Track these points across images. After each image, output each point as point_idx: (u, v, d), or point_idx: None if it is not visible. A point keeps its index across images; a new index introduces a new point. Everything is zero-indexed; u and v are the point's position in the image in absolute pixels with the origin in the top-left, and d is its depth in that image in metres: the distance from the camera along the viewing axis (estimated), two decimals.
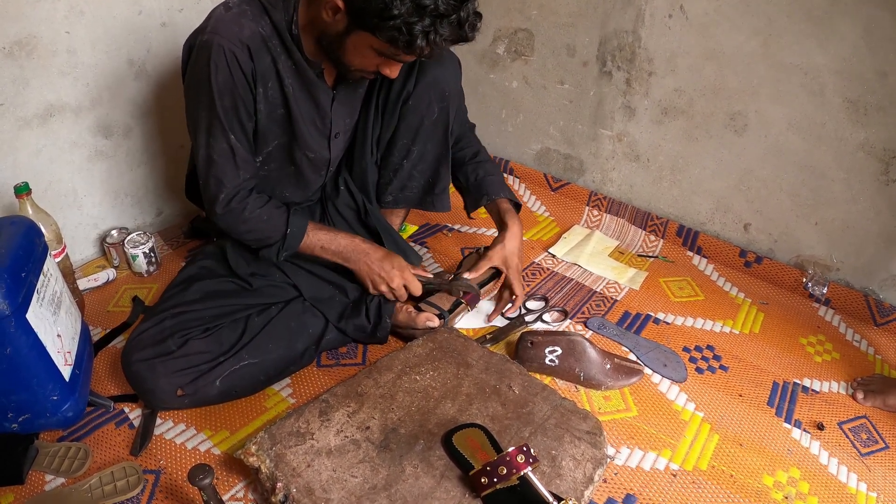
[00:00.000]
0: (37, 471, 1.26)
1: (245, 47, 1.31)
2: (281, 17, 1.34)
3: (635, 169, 2.21)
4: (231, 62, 1.31)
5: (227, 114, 1.37)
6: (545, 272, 1.98)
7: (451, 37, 1.24)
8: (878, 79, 1.65)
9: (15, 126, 1.63)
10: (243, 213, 1.46)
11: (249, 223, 1.48)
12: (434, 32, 1.20)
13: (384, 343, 1.62)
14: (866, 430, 1.49)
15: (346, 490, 1.17)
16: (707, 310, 1.86)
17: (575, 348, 1.52)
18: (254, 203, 1.47)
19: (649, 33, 1.99)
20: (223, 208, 1.45)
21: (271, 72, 1.38)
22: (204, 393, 1.38)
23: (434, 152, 1.67)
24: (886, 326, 1.82)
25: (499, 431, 1.31)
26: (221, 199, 1.44)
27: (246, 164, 1.44)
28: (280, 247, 1.50)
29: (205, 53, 1.31)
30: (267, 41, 1.34)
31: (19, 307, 1.17)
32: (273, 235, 1.50)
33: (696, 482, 1.33)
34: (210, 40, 1.30)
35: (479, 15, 1.27)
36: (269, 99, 1.41)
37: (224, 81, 1.33)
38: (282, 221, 1.49)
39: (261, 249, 1.53)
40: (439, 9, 1.18)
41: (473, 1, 1.24)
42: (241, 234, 1.51)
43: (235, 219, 1.47)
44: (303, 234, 1.51)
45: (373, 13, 1.18)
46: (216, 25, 1.31)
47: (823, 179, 1.84)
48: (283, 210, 1.50)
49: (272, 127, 1.46)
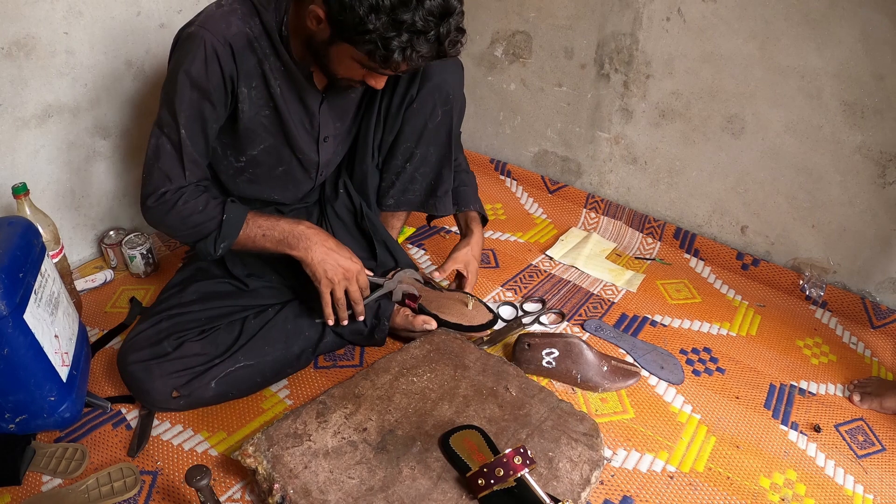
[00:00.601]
0: (34, 471, 1.26)
1: (228, 45, 1.29)
2: (271, 17, 1.33)
3: (633, 171, 2.22)
4: (210, 57, 1.28)
5: (190, 107, 1.32)
6: (542, 274, 1.98)
7: (429, 54, 1.21)
8: (874, 82, 1.66)
9: (13, 126, 1.63)
10: (176, 204, 1.35)
11: (184, 214, 1.36)
12: (411, 49, 1.17)
13: (382, 345, 1.62)
14: (863, 432, 1.50)
15: (342, 491, 1.17)
16: (704, 312, 1.86)
17: (572, 350, 1.52)
18: (190, 194, 1.37)
19: (647, 36, 1.99)
20: (154, 200, 1.35)
21: (256, 72, 1.36)
22: (199, 394, 1.38)
23: (437, 155, 1.67)
24: (883, 329, 1.82)
25: (496, 433, 1.31)
26: (159, 191, 1.35)
27: (193, 166, 1.36)
28: (216, 236, 1.38)
29: (187, 44, 1.30)
30: (254, 42, 1.33)
31: (17, 307, 1.17)
32: (208, 224, 1.37)
33: (692, 484, 1.33)
34: (195, 33, 1.29)
35: (462, 31, 1.23)
36: (254, 100, 1.39)
37: (197, 74, 1.29)
38: (217, 209, 1.37)
39: (197, 243, 1.40)
40: (416, 25, 1.15)
41: (456, 16, 1.20)
42: (172, 226, 1.39)
43: (167, 210, 1.35)
44: (241, 221, 1.39)
45: (350, 27, 1.17)
46: (204, 20, 1.31)
47: (820, 182, 1.84)
48: (219, 200, 1.39)
49: (258, 129, 1.43)
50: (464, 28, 1.23)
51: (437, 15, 1.16)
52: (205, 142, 1.38)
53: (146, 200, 1.37)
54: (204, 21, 1.30)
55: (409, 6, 1.13)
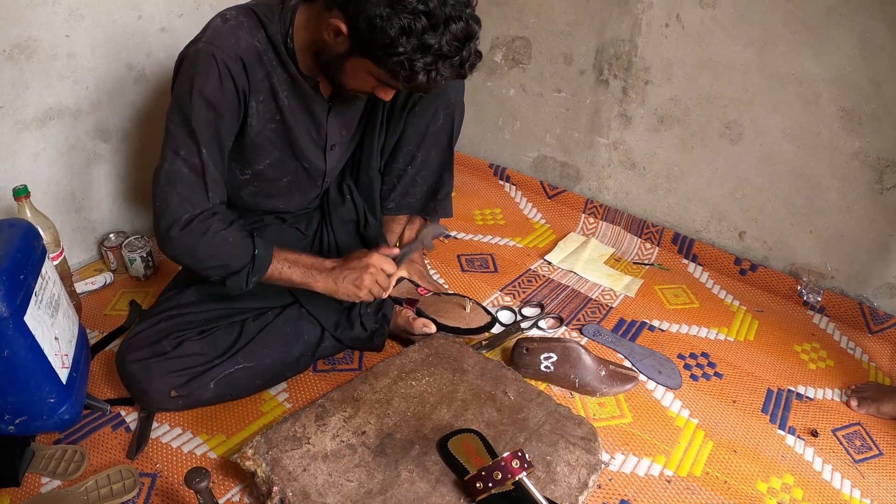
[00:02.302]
0: (33, 473, 1.27)
1: (239, 60, 1.27)
2: (276, 30, 1.31)
3: (631, 177, 2.22)
4: (223, 74, 1.26)
5: (207, 127, 1.29)
6: (541, 279, 1.98)
7: (450, 75, 1.23)
8: (872, 88, 1.67)
9: (14, 129, 1.64)
10: (205, 234, 1.30)
11: (213, 245, 1.31)
12: (435, 71, 1.19)
13: (381, 351, 1.63)
14: (860, 436, 1.50)
15: (341, 494, 1.17)
16: (702, 317, 1.87)
17: (570, 355, 1.53)
18: (218, 224, 1.32)
19: (646, 42, 2.00)
20: (180, 230, 1.29)
21: (264, 85, 1.34)
22: (198, 395, 1.38)
23: (438, 159, 1.69)
24: (881, 334, 1.83)
25: (494, 437, 1.31)
26: (183, 219, 1.29)
27: (216, 186, 1.33)
28: (249, 270, 1.34)
29: (196, 62, 1.26)
30: (262, 55, 1.31)
31: (17, 309, 1.17)
32: (240, 259, 1.33)
33: (690, 488, 1.33)
34: (204, 49, 1.26)
35: (480, 54, 1.25)
36: (261, 113, 1.37)
37: (211, 92, 1.26)
38: (248, 242, 1.34)
39: (226, 278, 1.35)
40: (443, 50, 1.16)
41: (476, 41, 1.22)
42: (200, 260, 1.33)
43: (195, 242, 1.30)
44: (271, 255, 1.36)
45: (377, 46, 1.16)
46: (212, 36, 1.28)
47: (818, 188, 1.85)
48: (245, 233, 1.36)
49: (264, 143, 1.42)
50: (481, 52, 1.25)
51: (461, 39, 1.18)
52: (222, 160, 1.36)
53: (168, 231, 1.29)
54: (212, 37, 1.27)
55: (436, 31, 1.15)
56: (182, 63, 1.33)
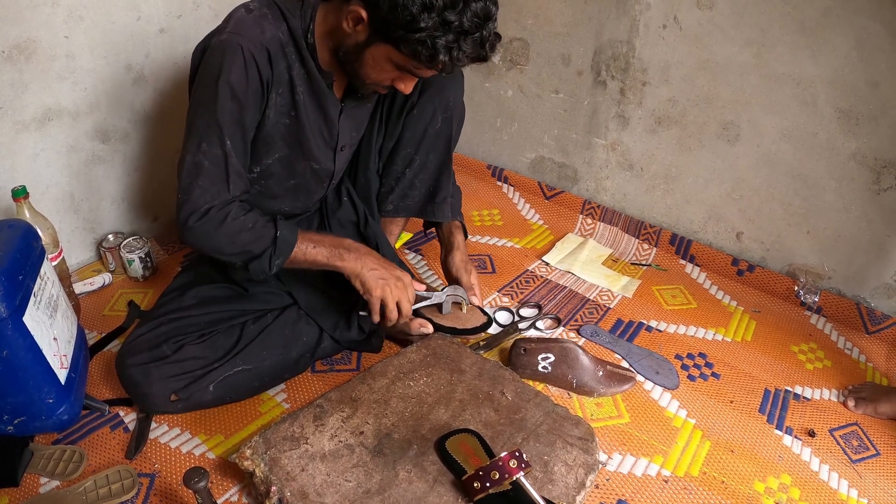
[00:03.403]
0: (31, 473, 1.27)
1: (265, 51, 1.28)
2: (298, 24, 1.32)
3: (629, 178, 2.23)
4: (249, 64, 1.26)
5: (231, 118, 1.29)
6: (539, 280, 1.99)
7: (472, 54, 1.23)
8: (869, 89, 1.67)
9: (13, 130, 1.64)
10: (224, 221, 1.31)
11: (232, 232, 1.32)
12: (457, 48, 1.20)
13: (378, 351, 1.63)
14: (857, 437, 1.50)
15: (339, 494, 1.17)
16: (699, 318, 1.87)
17: (568, 355, 1.53)
18: (236, 210, 1.33)
19: (643, 43, 2.00)
20: (198, 220, 1.30)
21: (284, 78, 1.34)
22: (198, 398, 1.38)
23: (436, 162, 1.69)
24: (878, 334, 1.83)
25: (492, 437, 1.32)
26: (202, 209, 1.30)
27: (237, 178, 1.33)
28: (272, 253, 1.35)
29: (221, 52, 1.26)
30: (284, 46, 1.32)
31: (16, 310, 1.18)
32: (261, 243, 1.35)
33: (687, 488, 1.33)
34: (230, 40, 1.25)
35: (499, 36, 1.26)
36: (278, 107, 1.37)
37: (237, 82, 1.26)
38: (269, 226, 1.35)
39: (249, 263, 1.37)
40: (464, 25, 1.17)
41: (494, 22, 1.23)
42: (221, 246, 1.35)
43: (214, 229, 1.31)
44: (295, 237, 1.37)
45: (399, 25, 1.17)
46: (237, 26, 1.27)
47: (815, 189, 1.85)
48: (267, 217, 1.37)
49: (276, 137, 1.41)
50: (500, 34, 1.26)
51: (481, 17, 1.19)
52: (245, 152, 1.36)
53: (187, 221, 1.31)
54: (237, 27, 1.27)
55: (456, 7, 1.16)
56: (205, 54, 1.33)
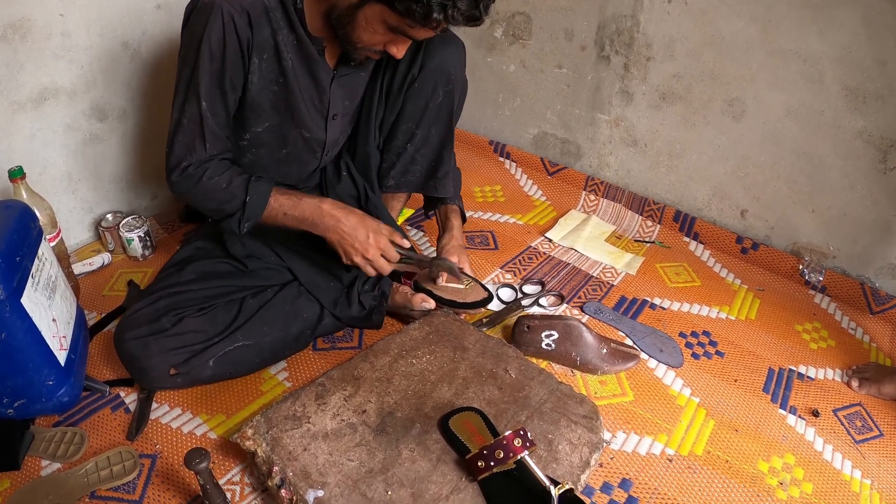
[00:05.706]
0: (33, 456, 1.27)
1: (245, 14, 1.28)
2: None
3: (633, 154, 2.21)
4: (227, 26, 1.27)
5: (210, 79, 1.32)
6: (542, 256, 1.98)
7: (466, 12, 1.22)
8: (877, 67, 1.65)
9: (9, 110, 1.62)
10: (200, 180, 1.37)
11: (207, 190, 1.39)
12: (452, 6, 1.19)
13: (380, 328, 1.62)
14: (861, 417, 1.50)
15: (342, 473, 1.17)
16: (703, 296, 1.86)
17: (571, 333, 1.52)
18: (213, 169, 1.38)
19: (648, 18, 1.97)
20: (178, 175, 1.38)
21: (269, 44, 1.34)
22: (197, 373, 1.38)
23: (438, 136, 1.67)
24: (882, 315, 1.82)
25: (495, 415, 1.31)
26: (182, 165, 1.37)
27: (214, 139, 1.37)
28: (241, 216, 1.41)
29: (203, 14, 1.28)
30: (269, 12, 1.32)
31: (14, 292, 1.16)
32: (231, 203, 1.40)
33: (691, 467, 1.33)
34: (211, 1, 1.27)
35: None
36: (264, 72, 1.37)
37: (216, 43, 1.29)
38: (241, 189, 1.39)
39: (221, 221, 1.44)
40: None
41: None
42: (198, 201, 1.42)
43: (191, 186, 1.38)
44: (265, 201, 1.41)
45: None
46: None
47: (821, 167, 1.83)
48: (244, 177, 1.40)
49: (264, 104, 1.42)
50: None
51: None
52: (226, 113, 1.39)
53: (170, 175, 1.39)
54: None
55: None
56: (191, 15, 1.35)
